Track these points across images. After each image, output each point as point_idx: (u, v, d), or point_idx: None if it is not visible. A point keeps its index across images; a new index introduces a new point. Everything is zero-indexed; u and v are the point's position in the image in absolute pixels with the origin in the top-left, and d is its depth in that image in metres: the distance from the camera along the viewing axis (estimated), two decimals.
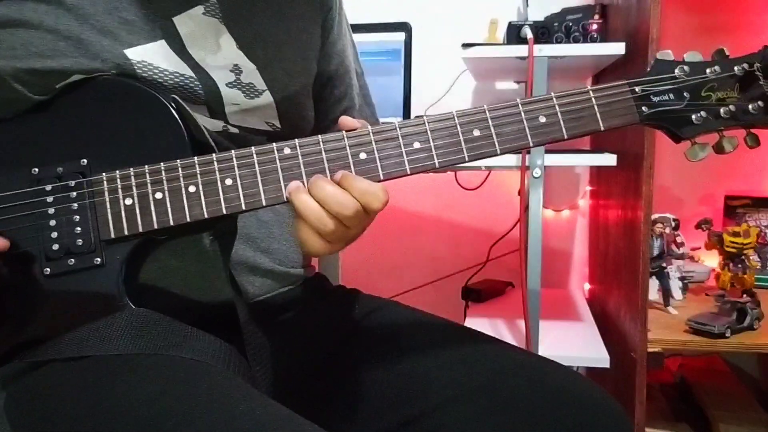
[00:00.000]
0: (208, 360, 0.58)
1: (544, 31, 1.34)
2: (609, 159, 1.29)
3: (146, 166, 0.60)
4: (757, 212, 1.66)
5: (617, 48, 1.28)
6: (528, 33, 1.30)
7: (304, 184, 0.60)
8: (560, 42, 1.35)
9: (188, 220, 0.60)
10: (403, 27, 1.53)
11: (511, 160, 1.30)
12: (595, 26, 1.34)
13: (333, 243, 0.61)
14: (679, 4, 1.69)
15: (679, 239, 1.51)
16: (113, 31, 0.63)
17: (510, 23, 1.36)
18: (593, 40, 1.34)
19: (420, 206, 1.86)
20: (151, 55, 0.64)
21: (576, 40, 1.34)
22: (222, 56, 0.69)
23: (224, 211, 0.60)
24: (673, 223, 1.50)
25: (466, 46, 1.32)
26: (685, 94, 0.64)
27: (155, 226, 0.60)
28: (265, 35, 0.72)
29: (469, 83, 1.79)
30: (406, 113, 1.53)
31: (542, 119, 0.63)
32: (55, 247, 0.60)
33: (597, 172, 1.74)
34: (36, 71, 0.60)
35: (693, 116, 0.64)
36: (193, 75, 0.66)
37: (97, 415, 0.52)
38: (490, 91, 1.81)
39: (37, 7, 0.60)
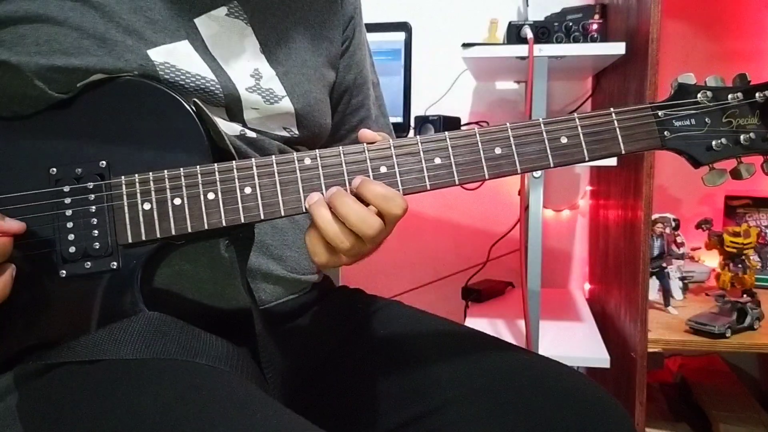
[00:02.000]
0: (222, 366, 0.57)
1: (544, 31, 1.34)
2: (609, 159, 1.29)
3: (165, 171, 0.59)
4: (757, 212, 1.67)
5: (617, 48, 1.28)
6: (528, 33, 1.31)
7: (323, 194, 0.59)
8: (560, 42, 1.35)
9: (206, 227, 0.59)
10: (403, 27, 1.53)
11: None
12: (595, 26, 1.34)
13: (346, 257, 0.60)
14: (679, 3, 1.69)
15: (679, 239, 1.52)
16: (138, 31, 0.62)
17: (510, 23, 1.36)
18: (593, 40, 1.34)
19: (420, 206, 1.86)
20: (174, 56, 0.63)
21: (576, 40, 1.34)
22: (245, 59, 0.68)
23: (243, 220, 0.59)
24: (673, 223, 1.51)
25: (466, 46, 1.32)
26: (706, 119, 0.64)
27: (173, 233, 0.59)
28: (288, 41, 0.72)
29: (469, 83, 1.79)
30: (406, 113, 1.53)
31: (564, 140, 0.62)
32: (72, 249, 0.59)
33: (597, 172, 1.74)
34: (59, 68, 0.59)
35: (713, 142, 0.63)
36: (214, 78, 0.66)
37: (110, 420, 0.51)
38: (490, 91, 1.82)
39: (62, 4, 0.60)
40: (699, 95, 0.64)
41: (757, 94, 0.64)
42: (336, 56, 0.80)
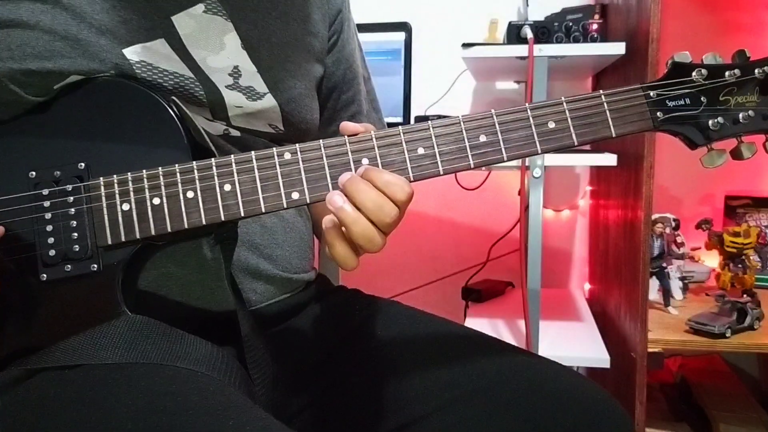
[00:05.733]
0: (204, 370, 0.57)
1: (544, 31, 1.34)
2: (609, 159, 1.29)
3: (144, 171, 0.59)
4: (757, 212, 1.66)
5: (617, 48, 1.28)
6: (528, 33, 1.30)
7: (305, 189, 0.59)
8: (560, 42, 1.34)
9: (186, 226, 0.59)
10: (403, 27, 1.53)
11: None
12: (595, 26, 1.34)
13: (361, 251, 0.59)
14: (679, 3, 1.69)
15: (679, 239, 1.51)
16: (112, 30, 0.61)
17: (510, 23, 1.36)
18: (593, 40, 1.34)
19: (420, 206, 1.86)
20: (150, 55, 0.63)
21: (576, 40, 1.34)
22: (224, 56, 0.67)
23: (223, 218, 0.59)
24: (673, 223, 1.50)
25: (466, 46, 1.32)
26: (702, 98, 0.61)
27: (153, 233, 0.59)
28: (270, 36, 0.71)
29: (469, 83, 1.79)
30: (406, 113, 1.53)
31: (551, 125, 0.60)
32: (52, 252, 0.59)
33: (597, 172, 1.74)
34: (32, 72, 0.59)
35: (710, 122, 0.61)
36: (193, 76, 0.65)
37: (86, 428, 0.51)
38: (490, 91, 1.81)
39: (33, 7, 0.59)
40: (694, 74, 0.61)
41: (756, 71, 0.61)
42: (322, 51, 0.79)
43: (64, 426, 0.52)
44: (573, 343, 1.39)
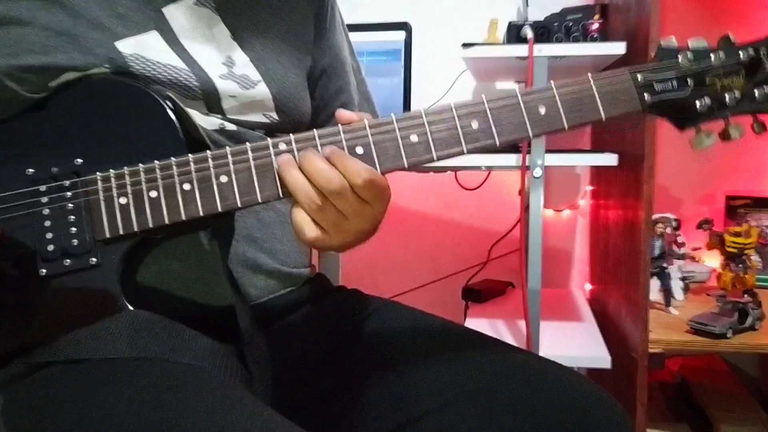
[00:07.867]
0: (205, 364, 0.57)
1: (544, 31, 1.34)
2: (609, 159, 1.29)
3: (140, 165, 0.59)
4: (758, 212, 1.66)
5: (617, 48, 1.27)
6: (528, 33, 1.30)
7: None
8: (560, 42, 1.35)
9: (183, 218, 0.59)
10: (403, 27, 1.53)
11: (511, 160, 1.30)
12: (595, 26, 1.34)
13: (328, 232, 0.59)
14: (679, 3, 1.69)
15: (679, 239, 1.52)
16: (105, 24, 0.62)
17: (510, 23, 1.36)
18: (593, 40, 1.34)
19: (420, 206, 1.86)
20: (143, 48, 0.64)
21: (576, 40, 1.34)
22: (216, 47, 0.68)
23: (220, 209, 0.59)
24: (673, 223, 1.50)
25: (466, 46, 1.32)
26: (689, 81, 0.62)
27: (150, 225, 0.59)
28: (259, 26, 0.72)
29: (469, 83, 1.78)
30: None
31: (542, 110, 0.61)
32: (51, 247, 0.59)
33: (597, 172, 1.74)
34: (30, 68, 0.60)
35: (697, 104, 0.62)
36: (186, 67, 0.66)
37: (87, 425, 0.51)
38: (490, 91, 1.81)
39: (29, 4, 0.60)
40: (680, 57, 0.62)
41: (740, 53, 0.62)
42: (309, 41, 0.80)
43: (67, 421, 0.52)
44: (573, 344, 1.39)
